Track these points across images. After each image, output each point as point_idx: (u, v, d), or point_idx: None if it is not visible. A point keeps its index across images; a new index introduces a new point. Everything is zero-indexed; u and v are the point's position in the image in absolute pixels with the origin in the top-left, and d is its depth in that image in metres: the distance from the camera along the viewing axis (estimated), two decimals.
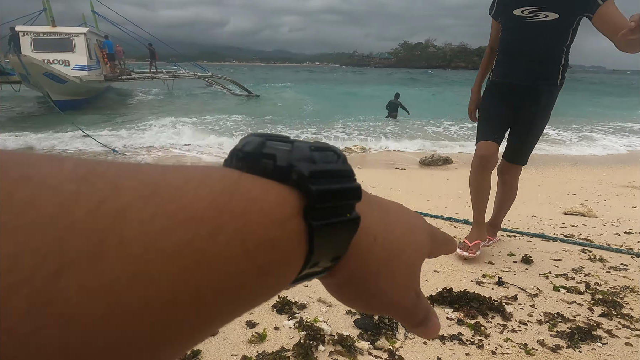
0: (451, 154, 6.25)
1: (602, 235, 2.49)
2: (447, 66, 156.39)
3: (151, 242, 0.12)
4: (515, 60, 1.91)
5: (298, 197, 0.17)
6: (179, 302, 0.13)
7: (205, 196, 0.15)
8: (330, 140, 7.63)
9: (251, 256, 0.15)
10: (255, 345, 1.32)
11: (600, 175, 4.97)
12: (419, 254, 0.24)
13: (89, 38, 13.15)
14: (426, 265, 1.93)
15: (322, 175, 0.18)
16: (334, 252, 0.19)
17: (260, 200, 0.16)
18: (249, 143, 0.19)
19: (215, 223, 0.14)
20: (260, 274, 0.16)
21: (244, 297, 0.16)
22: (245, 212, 0.15)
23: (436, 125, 9.62)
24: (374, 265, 0.21)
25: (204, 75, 18.72)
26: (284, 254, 0.17)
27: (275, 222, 0.16)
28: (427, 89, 24.33)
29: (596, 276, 1.87)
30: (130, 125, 8.66)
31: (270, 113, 11.90)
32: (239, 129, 8.84)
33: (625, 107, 14.50)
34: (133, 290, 0.12)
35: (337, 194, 0.18)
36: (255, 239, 0.15)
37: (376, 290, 0.22)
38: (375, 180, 4.32)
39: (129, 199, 0.13)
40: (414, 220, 0.25)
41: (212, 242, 0.14)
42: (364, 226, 0.20)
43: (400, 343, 1.34)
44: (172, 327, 0.13)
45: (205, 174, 0.16)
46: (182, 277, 0.13)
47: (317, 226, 0.17)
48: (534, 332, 1.42)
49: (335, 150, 0.20)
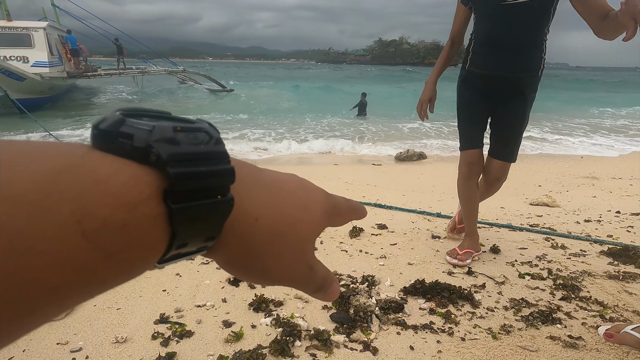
0: (427, 146, 6.41)
1: (564, 223, 2.63)
2: (421, 63, 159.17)
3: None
4: (497, 50, 1.76)
5: (157, 179, 0.17)
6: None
7: (29, 176, 0.14)
8: (302, 143, 7.61)
9: (91, 239, 0.15)
10: (232, 344, 1.32)
11: (564, 167, 5.24)
12: (313, 229, 0.25)
13: (49, 33, 12.46)
14: (400, 259, 1.99)
15: (184, 157, 0.18)
16: (205, 233, 0.19)
17: (106, 181, 0.15)
18: (106, 120, 0.18)
19: (38, 204, 0.13)
20: (106, 257, 0.15)
21: (91, 279, 0.15)
22: (83, 193, 0.15)
23: (410, 122, 9.80)
24: (258, 245, 0.22)
25: (176, 71, 18.22)
26: (137, 237, 0.16)
27: (125, 204, 0.15)
28: (407, 85, 24.61)
29: (558, 262, 1.98)
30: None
31: (243, 111, 11.75)
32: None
33: (583, 102, 15.24)
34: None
35: (202, 176, 0.18)
36: (96, 221, 0.15)
37: (263, 267, 0.22)
38: (351, 176, 4.37)
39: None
40: (311, 196, 0.25)
41: (31, 225, 0.13)
42: (243, 207, 0.20)
43: (374, 334, 1.38)
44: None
45: (42, 151, 0.15)
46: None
47: (176, 209, 0.17)
48: (500, 318, 1.49)
49: (207, 130, 0.20)
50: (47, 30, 12.23)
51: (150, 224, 0.16)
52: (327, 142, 6.83)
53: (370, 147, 6.65)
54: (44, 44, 12.02)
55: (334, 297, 0.27)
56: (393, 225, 2.50)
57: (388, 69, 65.87)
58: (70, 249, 0.14)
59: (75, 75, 13.92)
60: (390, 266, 1.91)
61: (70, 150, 0.16)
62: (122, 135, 0.17)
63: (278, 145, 6.65)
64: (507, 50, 1.75)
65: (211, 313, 1.49)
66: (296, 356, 1.26)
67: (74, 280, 0.15)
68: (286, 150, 6.35)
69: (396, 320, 1.46)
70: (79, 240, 0.14)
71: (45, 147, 0.15)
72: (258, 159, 5.90)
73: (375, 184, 3.96)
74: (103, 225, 0.15)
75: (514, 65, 1.76)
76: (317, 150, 6.34)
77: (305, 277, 0.25)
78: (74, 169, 0.15)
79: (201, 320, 1.44)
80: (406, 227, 2.48)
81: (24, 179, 0.14)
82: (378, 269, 1.87)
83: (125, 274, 0.17)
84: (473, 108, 1.92)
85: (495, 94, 1.87)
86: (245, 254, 0.22)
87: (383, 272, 1.84)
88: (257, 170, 0.23)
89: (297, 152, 6.23)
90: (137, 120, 0.18)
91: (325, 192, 0.27)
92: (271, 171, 0.25)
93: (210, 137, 0.20)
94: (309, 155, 6.14)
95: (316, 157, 5.94)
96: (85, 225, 0.14)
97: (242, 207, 0.20)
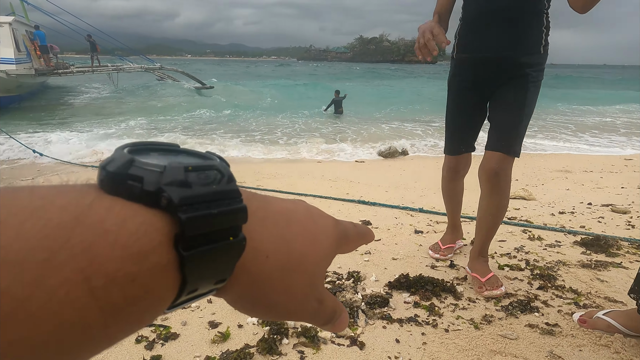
0: (412, 145, 6.49)
1: (540, 216, 2.73)
2: (402, 60, 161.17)
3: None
4: (489, 26, 1.50)
5: (168, 224, 0.16)
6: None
7: (34, 233, 0.13)
8: (283, 141, 7.55)
9: (99, 297, 0.14)
10: (219, 345, 1.31)
11: (539, 161, 5.42)
12: (322, 262, 0.24)
13: (16, 28, 11.89)
14: (384, 254, 2.02)
15: (197, 200, 0.17)
16: (216, 277, 0.18)
17: (116, 232, 0.15)
18: (114, 161, 0.17)
19: (45, 265, 0.13)
20: (114, 311, 0.14)
21: (97, 337, 0.15)
22: (91, 247, 0.14)
23: (388, 122, 9.88)
24: (267, 283, 0.21)
25: (153, 68, 17.77)
26: (146, 288, 0.15)
27: (134, 255, 0.15)
28: (397, 83, 24.68)
29: (535, 253, 2.05)
30: (65, 128, 7.63)
31: (227, 107, 11.59)
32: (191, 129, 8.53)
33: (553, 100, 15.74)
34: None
35: (216, 219, 0.17)
36: (105, 277, 0.14)
37: (272, 304, 0.22)
38: (335, 173, 4.39)
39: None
40: (320, 227, 0.24)
41: (37, 288, 0.12)
42: (254, 245, 0.20)
43: (361, 329, 1.40)
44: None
45: (49, 202, 0.14)
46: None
47: (188, 256, 0.16)
48: (481, 308, 1.54)
49: (219, 168, 0.19)
50: (13, 26, 11.67)
51: (160, 273, 0.16)
52: (305, 143, 6.76)
53: (351, 145, 6.68)
54: (9, 39, 11.46)
55: (342, 328, 0.26)
56: (377, 221, 2.54)
57: (374, 67, 66.27)
58: (77, 309, 0.13)
59: (44, 72, 13.36)
60: (375, 261, 1.93)
61: (78, 198, 0.15)
62: (131, 178, 0.16)
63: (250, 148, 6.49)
64: (499, 24, 1.48)
65: (196, 314, 1.48)
66: (284, 354, 1.27)
67: (79, 342, 0.14)
68: (261, 154, 6.15)
69: (382, 314, 1.48)
70: (86, 299, 0.13)
71: (51, 196, 0.14)
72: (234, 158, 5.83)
73: (358, 181, 4.00)
74: (112, 280, 0.14)
75: (508, 42, 1.48)
76: (293, 152, 6.22)
77: (313, 311, 0.24)
78: (82, 220, 0.14)
79: (186, 322, 1.43)
80: (390, 223, 2.52)
81: (29, 237, 0.13)
82: (363, 265, 1.89)
83: (134, 326, 0.16)
84: (461, 106, 1.70)
85: (489, 84, 1.59)
86: (254, 291, 0.21)
87: (368, 268, 1.86)
88: (266, 201, 0.23)
89: (271, 157, 6.07)
90: (146, 159, 0.17)
91: (334, 219, 0.26)
92: (279, 200, 0.24)
93: (222, 175, 0.19)
94: (290, 155, 6.12)
95: (296, 156, 5.93)
96: (93, 283, 0.14)
97: (253, 245, 0.20)
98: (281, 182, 3.80)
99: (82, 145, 5.93)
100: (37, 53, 13.30)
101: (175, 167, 0.17)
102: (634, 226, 2.46)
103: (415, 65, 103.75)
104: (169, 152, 0.19)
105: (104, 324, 0.14)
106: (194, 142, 6.57)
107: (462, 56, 1.62)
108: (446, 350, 1.30)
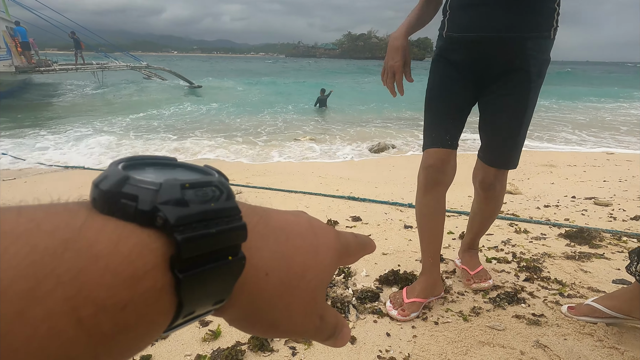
0: (397, 137, 6.55)
1: (526, 209, 2.78)
2: None
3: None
4: (485, 2, 1.21)
5: (164, 245, 0.15)
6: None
7: (18, 260, 0.12)
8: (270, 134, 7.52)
9: (88, 326, 0.13)
10: (210, 343, 1.31)
11: (525, 156, 5.52)
12: (323, 276, 0.23)
13: None
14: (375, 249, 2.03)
15: (194, 219, 0.16)
16: (214, 298, 0.17)
17: (107, 256, 0.14)
18: (107, 178, 0.16)
19: (29, 295, 0.12)
20: (105, 341, 0.14)
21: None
22: (79, 274, 0.13)
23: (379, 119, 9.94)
24: (267, 301, 0.20)
25: (139, 67, 17.45)
26: (139, 314, 0.14)
27: (127, 280, 0.14)
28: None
29: (521, 246, 2.10)
30: (47, 131, 7.30)
31: (215, 101, 11.47)
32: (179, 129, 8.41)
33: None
34: None
35: (214, 238, 0.16)
36: (93, 306, 0.13)
37: (272, 322, 0.21)
38: (323, 170, 4.39)
39: None
40: (321, 239, 0.23)
41: (20, 321, 0.11)
42: (254, 263, 0.19)
43: (352, 324, 1.41)
44: None
45: (35, 224, 0.13)
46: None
47: (185, 278, 0.15)
48: (470, 301, 1.57)
49: (217, 184, 0.18)
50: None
51: (154, 297, 0.15)
52: (294, 141, 6.78)
53: (340, 143, 6.70)
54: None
55: (344, 343, 0.26)
56: (367, 217, 2.55)
57: (365, 64, 66.22)
58: (65, 342, 0.12)
59: (26, 70, 12.99)
60: (365, 257, 1.95)
61: (68, 220, 0.14)
62: (125, 197, 0.15)
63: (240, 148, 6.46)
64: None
65: None
66: (275, 350, 1.27)
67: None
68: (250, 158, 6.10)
69: (373, 309, 1.49)
70: (74, 331, 0.13)
71: (39, 218, 0.14)
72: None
73: (348, 177, 4.01)
74: (102, 308, 0.13)
75: (510, 21, 1.19)
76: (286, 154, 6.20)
77: (314, 328, 0.23)
78: (70, 245, 0.13)
79: None
80: (379, 219, 2.54)
81: (13, 265, 0.12)
82: None
83: (127, 354, 0.15)
84: (448, 91, 1.35)
85: (483, 71, 1.30)
86: (253, 310, 0.20)
87: (358, 263, 1.87)
88: (266, 216, 0.22)
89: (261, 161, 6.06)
90: (141, 175, 0.16)
91: (335, 231, 0.25)
92: (279, 212, 0.23)
93: (220, 192, 0.18)
94: (279, 153, 6.10)
95: (285, 154, 5.91)
96: (82, 312, 0.13)
97: (253, 263, 0.19)
98: (271, 180, 3.79)
99: (55, 148, 5.77)
100: (18, 50, 12.93)
101: (172, 184, 0.16)
102: (615, 218, 2.53)
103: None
104: (166, 167, 0.18)
105: (94, 355, 0.13)
106: (189, 144, 6.42)
107: (453, 36, 1.29)
108: (436, 342, 1.32)
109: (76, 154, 5.50)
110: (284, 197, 3.15)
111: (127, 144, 6.29)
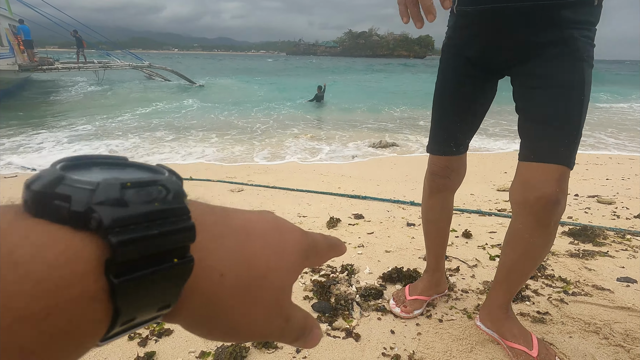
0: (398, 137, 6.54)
1: None
2: (391, 55, 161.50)
3: None
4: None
5: (98, 248, 0.14)
6: None
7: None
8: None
9: (5, 338, 0.12)
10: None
11: None
12: (288, 276, 0.22)
13: None
14: (377, 247, 2.03)
15: (132, 221, 0.15)
16: (158, 303, 0.17)
17: (28, 263, 0.13)
18: (40, 178, 0.15)
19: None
20: (23, 354, 0.13)
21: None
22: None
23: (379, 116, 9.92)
24: (224, 303, 0.19)
25: (141, 66, 17.45)
26: (68, 322, 0.14)
27: (50, 288, 0.13)
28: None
29: None
30: (47, 130, 7.30)
31: (216, 101, 11.46)
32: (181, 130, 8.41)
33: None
34: None
35: (155, 240, 0.16)
36: (13, 314, 0.12)
37: (231, 326, 0.20)
38: (325, 168, 4.39)
39: None
40: (287, 237, 0.23)
41: None
42: (207, 264, 0.18)
43: (356, 321, 1.40)
44: None
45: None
46: None
47: (119, 285, 0.14)
48: (474, 299, 1.56)
49: (164, 183, 0.17)
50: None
51: (86, 305, 0.14)
52: (295, 138, 6.79)
53: (340, 142, 6.69)
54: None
55: (314, 345, 0.25)
56: (369, 215, 2.55)
57: (369, 62, 65.91)
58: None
59: (28, 68, 13.01)
60: (368, 254, 1.94)
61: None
62: (58, 197, 0.14)
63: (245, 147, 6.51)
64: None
65: None
66: (280, 347, 1.27)
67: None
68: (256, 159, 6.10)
69: (376, 306, 1.49)
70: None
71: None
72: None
73: (350, 175, 4.01)
74: (18, 319, 0.12)
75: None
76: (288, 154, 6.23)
77: (280, 329, 0.22)
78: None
79: None
80: (382, 216, 2.53)
81: None
82: (357, 258, 1.90)
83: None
84: (456, 89, 1.15)
85: (505, 53, 1.02)
86: (209, 313, 0.19)
87: (361, 261, 1.87)
88: (225, 215, 0.21)
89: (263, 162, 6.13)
90: (79, 175, 0.15)
91: (302, 230, 0.24)
92: (242, 212, 0.22)
93: (167, 191, 0.17)
94: (281, 151, 6.09)
95: (286, 152, 5.90)
96: (0, 322, 0.12)
97: (206, 264, 0.18)
98: (272, 177, 3.78)
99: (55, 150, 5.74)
100: (20, 48, 12.94)
101: (110, 183, 0.15)
102: (619, 216, 2.52)
103: (411, 60, 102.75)
104: (113, 167, 0.17)
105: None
106: (188, 143, 6.41)
107: (466, 10, 1.03)
108: (440, 339, 1.32)
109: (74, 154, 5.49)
110: (285, 195, 3.14)
111: (122, 144, 6.28)
